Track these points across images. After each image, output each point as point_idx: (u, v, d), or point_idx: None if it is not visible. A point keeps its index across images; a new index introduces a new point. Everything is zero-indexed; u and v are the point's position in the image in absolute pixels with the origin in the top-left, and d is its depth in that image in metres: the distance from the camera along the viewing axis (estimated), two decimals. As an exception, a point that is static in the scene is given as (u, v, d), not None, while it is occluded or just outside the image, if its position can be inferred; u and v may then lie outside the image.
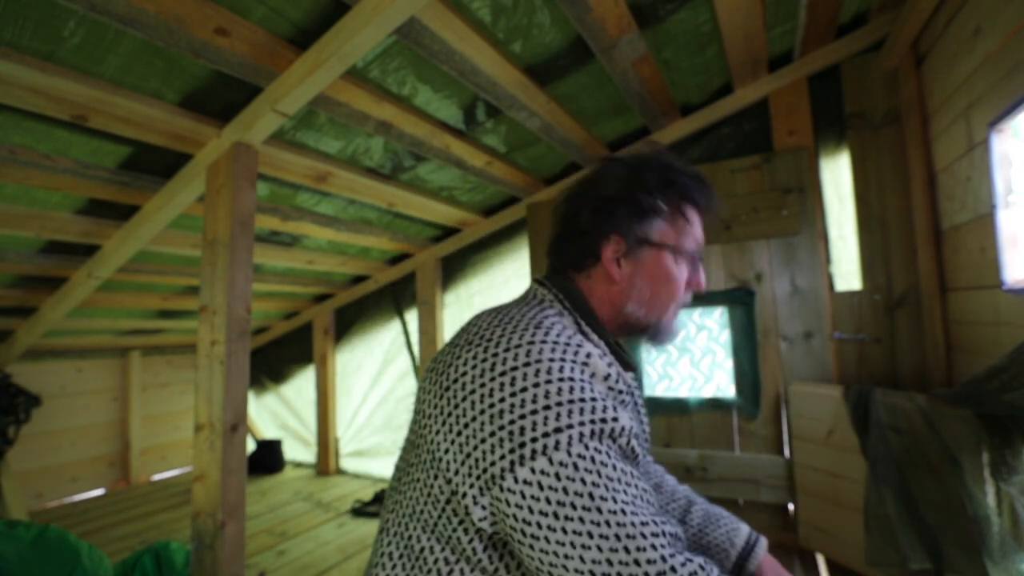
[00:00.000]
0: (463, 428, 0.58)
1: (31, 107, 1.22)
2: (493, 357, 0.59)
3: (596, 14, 1.35)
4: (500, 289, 2.68)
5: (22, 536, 1.43)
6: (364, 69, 1.42)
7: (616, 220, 0.73)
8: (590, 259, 0.75)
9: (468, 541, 0.58)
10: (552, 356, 0.59)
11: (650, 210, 0.73)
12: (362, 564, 2.00)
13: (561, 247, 0.79)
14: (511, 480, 0.54)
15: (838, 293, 1.83)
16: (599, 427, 0.56)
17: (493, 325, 0.64)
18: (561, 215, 0.80)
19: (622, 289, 0.74)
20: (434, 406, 0.62)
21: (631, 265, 0.74)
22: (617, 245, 0.74)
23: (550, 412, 0.55)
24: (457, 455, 0.58)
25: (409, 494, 0.64)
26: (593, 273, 0.76)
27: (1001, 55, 1.14)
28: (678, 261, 0.75)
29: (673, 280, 0.75)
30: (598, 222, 0.74)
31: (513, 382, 0.57)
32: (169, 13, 1.08)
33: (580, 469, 0.53)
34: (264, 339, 3.75)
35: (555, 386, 0.57)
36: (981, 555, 1.17)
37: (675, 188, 0.75)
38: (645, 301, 0.75)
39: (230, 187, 1.48)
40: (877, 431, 1.48)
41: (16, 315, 2.33)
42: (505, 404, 0.56)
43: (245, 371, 1.49)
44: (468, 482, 0.57)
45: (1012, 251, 1.21)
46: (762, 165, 1.91)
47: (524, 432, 0.55)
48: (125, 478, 3.25)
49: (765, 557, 0.87)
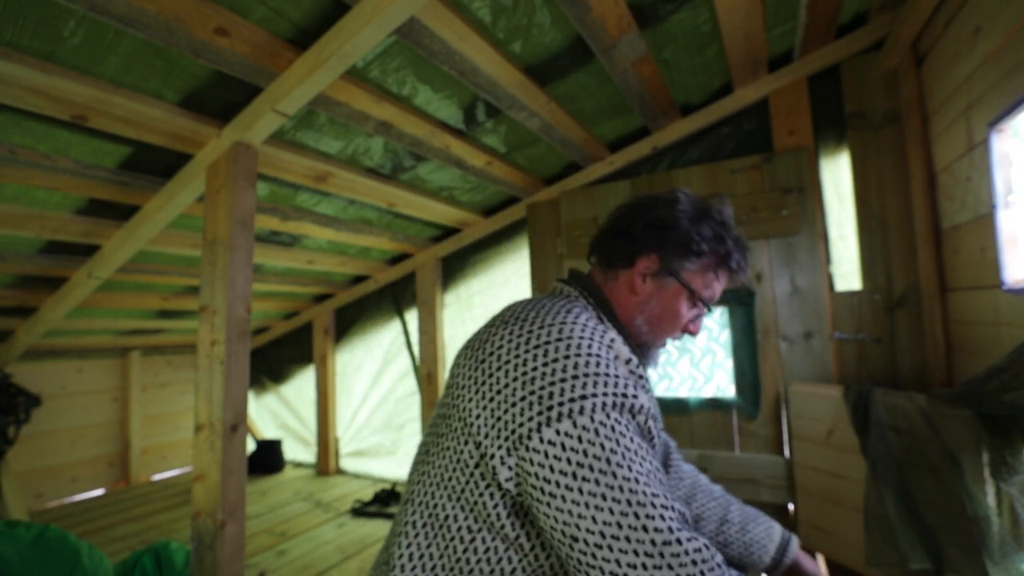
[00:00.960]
0: (496, 395, 0.63)
1: (31, 107, 1.22)
2: (528, 333, 0.65)
3: (596, 14, 1.35)
4: (500, 289, 2.68)
5: (22, 536, 1.43)
6: (364, 69, 1.42)
7: (663, 243, 0.80)
8: (624, 262, 0.82)
9: (493, 506, 0.62)
10: (582, 335, 0.65)
11: (694, 252, 0.79)
12: (362, 564, 2.00)
13: (606, 241, 0.85)
14: (536, 440, 0.58)
15: (838, 293, 1.83)
16: (620, 400, 0.61)
17: (527, 309, 0.71)
18: (619, 215, 0.86)
19: (639, 302, 0.81)
20: (468, 377, 0.67)
21: (653, 286, 0.81)
22: (652, 263, 0.80)
23: (577, 381, 0.60)
24: (488, 419, 0.62)
25: (437, 463, 0.68)
26: (620, 276, 0.82)
27: (1001, 55, 1.14)
28: (690, 304, 0.82)
29: (679, 317, 0.82)
30: (648, 236, 0.80)
31: (546, 353, 0.63)
32: (169, 13, 1.08)
33: (600, 435, 0.58)
34: (264, 339, 3.75)
35: (583, 359, 0.62)
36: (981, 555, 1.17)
37: (722, 246, 0.81)
38: (651, 321, 0.81)
39: (230, 187, 1.48)
40: (877, 431, 1.47)
41: (16, 315, 2.33)
42: (537, 372, 0.61)
43: (245, 371, 1.49)
44: (497, 443, 0.61)
45: (1012, 251, 1.21)
46: (762, 165, 1.91)
47: (552, 397, 0.59)
48: (125, 478, 3.25)
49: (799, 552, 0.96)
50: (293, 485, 3.13)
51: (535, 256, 2.44)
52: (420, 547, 0.65)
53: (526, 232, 2.53)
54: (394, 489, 2.74)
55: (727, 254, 0.81)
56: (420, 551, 0.64)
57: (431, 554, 0.64)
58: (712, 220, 0.81)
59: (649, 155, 2.22)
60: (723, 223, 0.82)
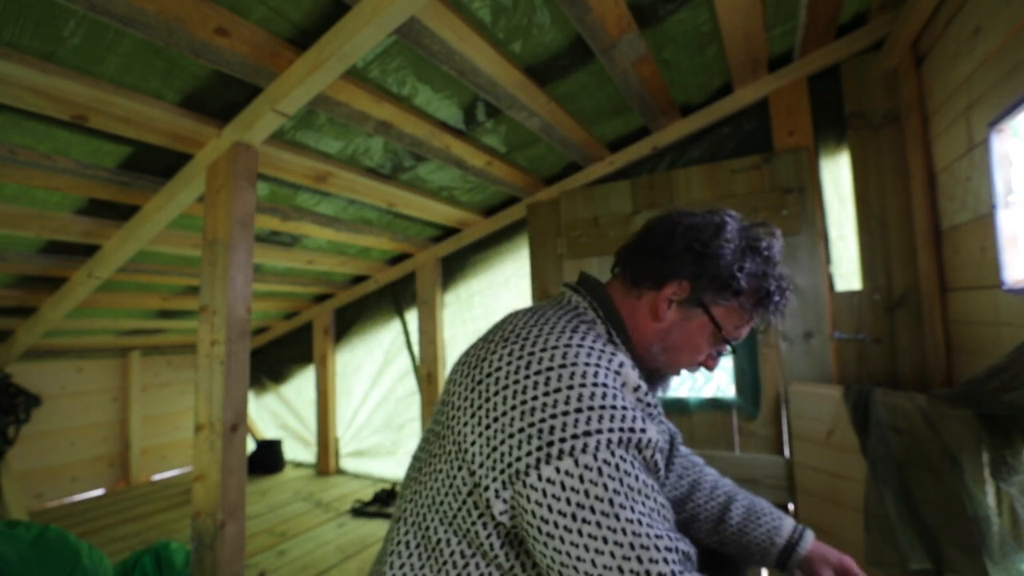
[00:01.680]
0: (492, 422, 0.59)
1: (31, 107, 1.22)
2: (529, 356, 0.61)
3: (596, 14, 1.35)
4: (500, 289, 2.68)
5: (22, 536, 1.43)
6: (364, 69, 1.42)
7: (699, 271, 0.72)
8: (651, 283, 0.74)
9: (486, 536, 0.59)
10: (588, 361, 0.60)
11: (732, 289, 0.71)
12: (362, 564, 2.00)
13: (636, 255, 0.77)
14: (535, 477, 0.55)
15: (838, 293, 1.83)
16: (627, 436, 0.56)
17: (529, 324, 0.65)
18: (656, 229, 0.77)
19: (660, 329, 0.74)
20: (464, 398, 0.63)
21: (678, 314, 0.73)
22: (682, 290, 0.73)
23: (581, 415, 0.56)
24: (484, 448, 0.58)
25: (430, 484, 0.64)
26: (644, 297, 0.75)
27: (1001, 55, 1.14)
28: (712, 340, 0.76)
29: (699, 352, 0.76)
30: (684, 260, 0.72)
31: (547, 382, 0.58)
32: (169, 13, 1.08)
33: (604, 475, 0.54)
34: (264, 339, 3.75)
35: (588, 390, 0.57)
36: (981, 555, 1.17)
37: (764, 287, 0.73)
38: (669, 350, 0.75)
39: (230, 187, 1.48)
40: (877, 431, 1.47)
41: (16, 315, 2.33)
42: (538, 402, 0.57)
43: (245, 371, 1.49)
44: (492, 475, 0.57)
45: (1012, 251, 1.21)
46: (762, 165, 1.91)
47: (554, 431, 0.55)
48: (125, 478, 3.25)
49: (816, 545, 0.87)
50: (293, 485, 3.13)
51: (535, 256, 2.44)
52: (413, 568, 0.63)
53: (526, 232, 2.53)
54: (394, 489, 2.74)
55: (767, 296, 0.73)
56: (413, 572, 0.63)
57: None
58: (759, 256, 0.73)
59: (649, 155, 2.22)
60: (770, 259, 0.74)
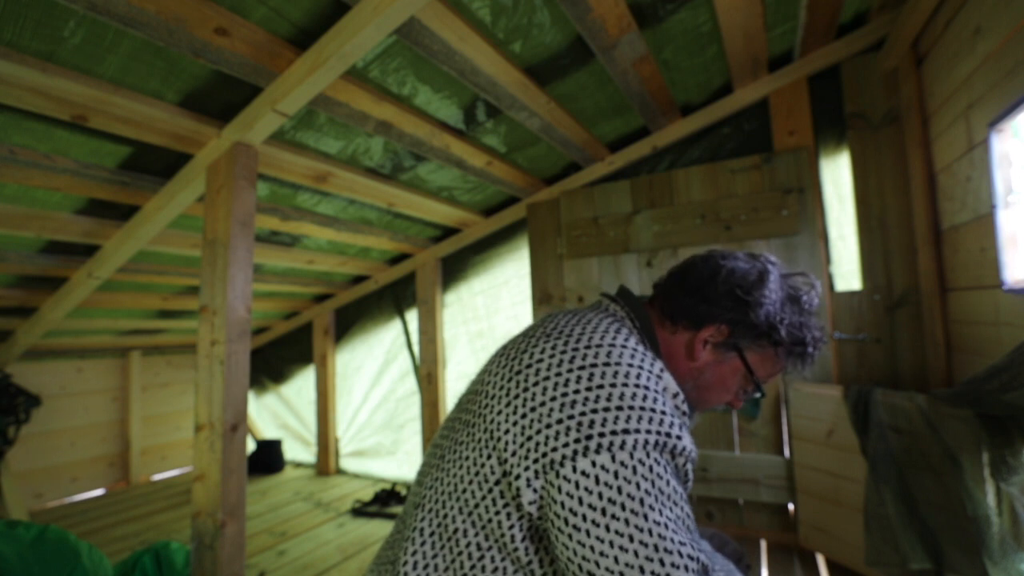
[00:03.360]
0: (529, 411, 0.59)
1: (31, 107, 1.22)
2: (573, 351, 0.62)
3: (596, 14, 1.35)
4: (501, 289, 2.68)
5: (22, 536, 1.43)
6: (364, 69, 1.42)
7: (739, 318, 0.72)
8: (688, 322, 0.74)
9: (509, 527, 0.59)
10: (631, 362, 0.61)
11: (769, 340, 0.73)
12: (362, 564, 2.00)
13: (676, 295, 0.76)
14: (569, 468, 0.55)
15: (838, 293, 1.83)
16: (664, 440, 0.57)
17: (572, 323, 0.67)
18: (698, 270, 0.77)
19: (694, 368, 0.74)
20: (500, 387, 0.63)
21: (712, 356, 0.74)
22: (720, 334, 0.73)
23: (622, 413, 0.57)
24: (518, 436, 0.59)
25: (453, 471, 0.65)
26: (679, 334, 0.75)
27: (1001, 55, 1.14)
28: (744, 383, 0.76)
29: (729, 392, 0.77)
30: (725, 304, 0.72)
31: (591, 377, 0.59)
32: (169, 13, 1.08)
33: (638, 474, 0.55)
34: (264, 339, 3.75)
35: (631, 390, 0.58)
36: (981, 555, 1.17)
37: (797, 339, 0.74)
38: (700, 389, 0.75)
39: (230, 187, 1.48)
40: (877, 431, 1.47)
41: (16, 315, 2.33)
42: (580, 396, 0.58)
43: (245, 371, 1.49)
44: (525, 464, 0.58)
45: (1012, 251, 1.21)
46: (762, 165, 1.91)
47: (593, 425, 0.56)
48: (125, 478, 3.25)
49: None
50: (293, 485, 3.13)
51: (535, 256, 2.44)
52: (426, 555, 0.63)
53: (526, 232, 2.53)
54: (394, 489, 2.74)
55: (800, 347, 0.74)
56: (426, 560, 0.63)
57: (436, 564, 0.62)
58: (799, 308, 0.74)
59: (649, 155, 2.22)
60: (809, 312, 0.75)
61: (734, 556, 0.95)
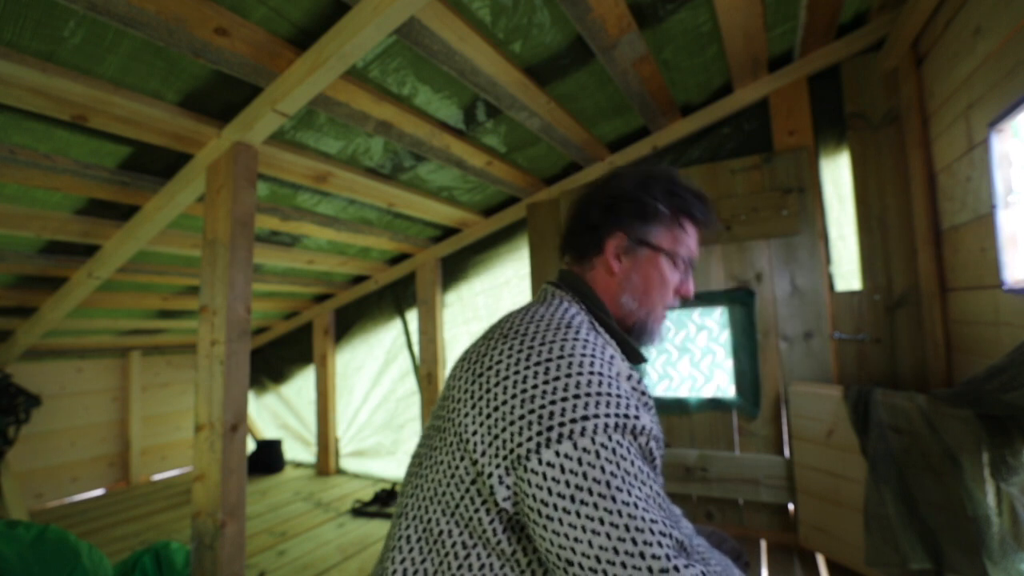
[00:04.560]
0: (493, 411, 0.61)
1: (31, 107, 1.22)
2: (528, 349, 0.64)
3: (596, 14, 1.35)
4: (501, 289, 2.68)
5: (22, 536, 1.43)
6: (364, 69, 1.42)
7: (622, 219, 0.80)
8: (594, 251, 0.82)
9: (489, 522, 0.61)
10: (584, 352, 0.63)
11: (653, 214, 0.80)
12: (362, 564, 2.00)
13: (571, 239, 0.86)
14: (535, 461, 0.57)
15: (838, 293, 1.83)
16: (623, 421, 0.59)
17: (526, 322, 0.69)
18: (574, 211, 0.87)
19: (619, 281, 0.81)
20: (465, 391, 0.65)
21: (629, 261, 0.81)
22: (620, 241, 0.80)
23: (579, 401, 0.59)
24: (486, 436, 0.61)
25: (431, 477, 0.66)
26: (596, 263, 0.82)
27: (1001, 55, 1.14)
28: (671, 266, 0.82)
29: (665, 282, 0.82)
30: (606, 219, 0.81)
31: (547, 371, 0.61)
32: (169, 13, 1.08)
33: (601, 457, 0.56)
34: (264, 339, 3.75)
35: (585, 378, 0.60)
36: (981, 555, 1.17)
37: (677, 200, 0.81)
38: (638, 295, 0.80)
39: (230, 187, 1.48)
40: (877, 431, 1.47)
41: (16, 315, 2.33)
42: (537, 391, 0.60)
43: (245, 371, 1.49)
44: (495, 462, 0.59)
45: (1012, 251, 1.21)
46: (762, 165, 1.91)
47: (552, 416, 0.58)
48: (125, 478, 3.25)
49: None
50: (293, 485, 3.13)
51: (535, 256, 2.44)
52: (414, 562, 0.64)
53: (526, 232, 2.53)
54: (394, 489, 2.74)
55: (685, 206, 0.81)
56: (414, 567, 0.63)
57: (425, 570, 0.63)
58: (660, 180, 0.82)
59: (649, 155, 2.22)
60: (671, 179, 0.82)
61: (732, 553, 0.96)
